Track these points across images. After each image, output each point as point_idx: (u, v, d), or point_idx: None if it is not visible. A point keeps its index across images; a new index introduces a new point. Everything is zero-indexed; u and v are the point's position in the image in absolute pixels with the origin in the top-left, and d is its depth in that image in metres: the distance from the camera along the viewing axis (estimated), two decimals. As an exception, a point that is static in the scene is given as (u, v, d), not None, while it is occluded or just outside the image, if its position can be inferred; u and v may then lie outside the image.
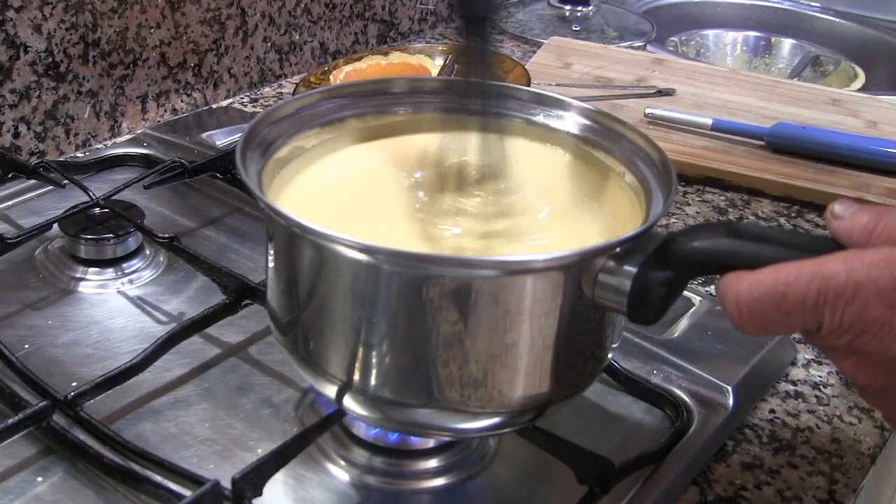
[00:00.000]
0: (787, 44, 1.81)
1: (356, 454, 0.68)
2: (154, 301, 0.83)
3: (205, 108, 1.21)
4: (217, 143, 1.09)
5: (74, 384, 0.70)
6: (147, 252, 0.88)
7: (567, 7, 1.65)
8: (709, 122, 1.17)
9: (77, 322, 0.80)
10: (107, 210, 0.88)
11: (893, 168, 1.12)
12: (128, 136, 1.11)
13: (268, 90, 1.28)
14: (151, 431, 0.69)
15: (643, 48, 1.54)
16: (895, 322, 0.49)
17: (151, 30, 1.10)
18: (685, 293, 0.83)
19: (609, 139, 0.69)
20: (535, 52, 1.42)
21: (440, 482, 0.67)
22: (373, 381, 0.58)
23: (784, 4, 1.91)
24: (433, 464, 0.68)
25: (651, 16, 1.70)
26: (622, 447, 0.70)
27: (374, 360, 0.57)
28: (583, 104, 0.70)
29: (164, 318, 0.81)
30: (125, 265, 0.87)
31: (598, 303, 0.55)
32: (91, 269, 0.86)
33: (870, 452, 0.73)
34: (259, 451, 0.67)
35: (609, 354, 0.63)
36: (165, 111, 1.16)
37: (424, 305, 0.54)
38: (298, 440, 0.64)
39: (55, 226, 0.87)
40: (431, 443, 0.68)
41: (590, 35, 1.60)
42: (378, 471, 0.67)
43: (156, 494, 0.62)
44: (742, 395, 0.76)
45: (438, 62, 1.23)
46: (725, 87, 1.32)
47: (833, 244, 0.52)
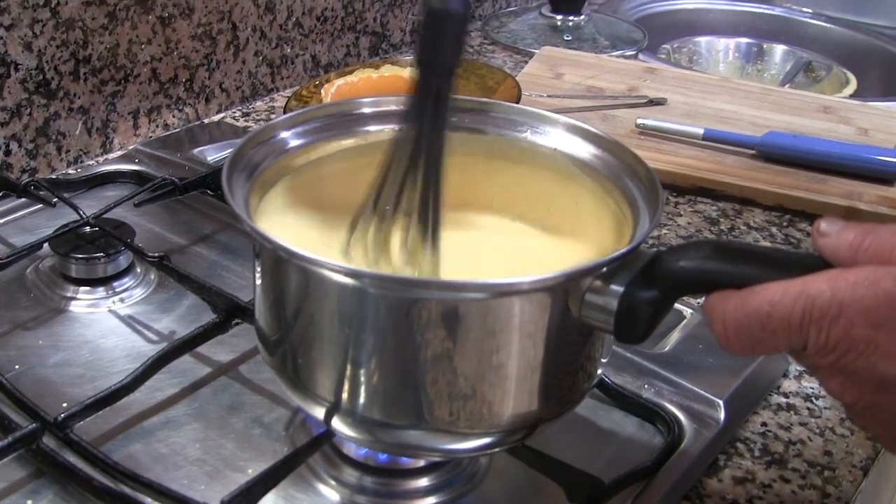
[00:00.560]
0: (780, 50, 1.82)
1: (347, 474, 0.68)
2: (145, 320, 0.83)
3: (197, 123, 1.21)
4: (209, 159, 1.09)
5: (65, 405, 0.70)
6: (138, 270, 0.88)
7: (559, 17, 1.65)
8: (700, 132, 1.17)
9: (68, 342, 0.80)
10: (97, 229, 0.88)
11: (885, 176, 1.12)
12: (120, 152, 1.11)
13: (260, 104, 1.28)
14: (142, 452, 0.69)
15: (635, 57, 1.55)
16: (880, 341, 0.49)
17: (142, 46, 1.10)
18: (676, 306, 0.83)
19: (595, 155, 0.68)
20: (527, 63, 1.42)
21: (431, 501, 0.67)
22: (361, 403, 0.58)
23: (776, 11, 1.91)
24: (424, 483, 0.68)
25: (643, 24, 1.70)
26: (614, 463, 0.70)
27: (363, 382, 0.57)
28: (569, 120, 0.70)
29: (155, 337, 0.81)
30: (116, 284, 0.86)
31: (586, 322, 0.56)
32: (82, 289, 0.86)
33: (862, 465, 0.73)
34: (250, 472, 0.67)
35: (599, 371, 0.63)
36: (157, 126, 1.16)
37: (412, 328, 0.54)
38: (288, 461, 0.64)
39: (46, 245, 0.87)
40: (422, 462, 0.68)
41: (582, 44, 1.60)
42: (368, 490, 0.67)
43: (146, 517, 0.62)
44: (734, 409, 0.76)
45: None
46: (717, 96, 1.32)
47: (820, 262, 0.53)
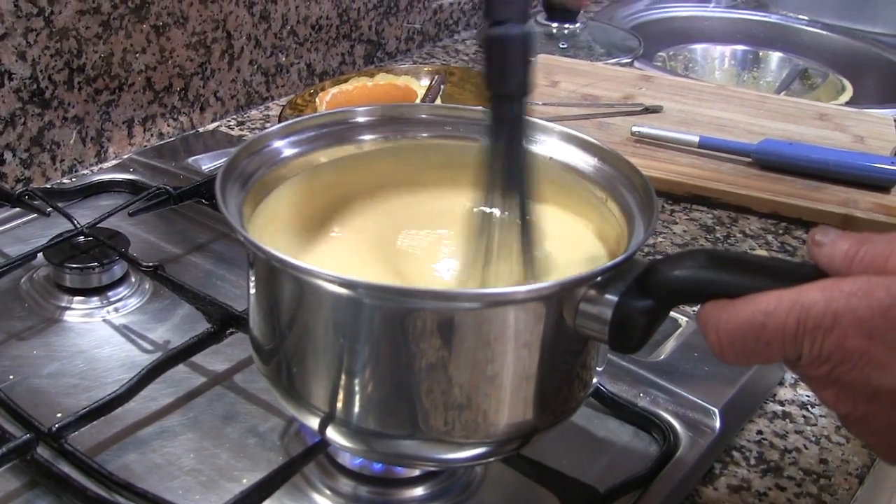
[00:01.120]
0: (776, 57, 1.82)
1: (341, 483, 0.68)
2: (140, 329, 0.83)
3: (191, 132, 1.21)
4: (203, 168, 1.09)
5: (59, 415, 0.70)
6: (132, 280, 0.88)
7: (554, 24, 1.64)
8: (696, 140, 1.17)
9: (62, 352, 0.80)
10: (91, 238, 0.88)
11: (881, 183, 1.12)
12: (114, 162, 1.11)
13: (254, 113, 1.28)
14: (137, 462, 0.69)
15: (630, 65, 1.55)
16: (873, 352, 0.48)
17: (137, 55, 1.10)
18: (672, 314, 0.83)
19: (591, 164, 0.68)
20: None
21: (426, 510, 0.67)
22: (356, 413, 0.58)
23: (772, 18, 1.91)
24: (419, 492, 0.68)
25: (639, 31, 1.70)
26: (609, 471, 0.70)
27: (357, 392, 0.57)
28: (565, 129, 0.70)
29: (150, 347, 0.81)
30: (110, 293, 0.86)
31: (580, 332, 0.55)
32: (76, 298, 0.85)
33: (857, 472, 0.73)
34: (245, 482, 0.67)
35: (594, 380, 0.63)
36: (152, 136, 1.16)
37: (406, 338, 0.54)
38: (283, 470, 0.64)
39: (40, 255, 0.87)
40: (417, 471, 0.68)
41: (577, 52, 1.60)
42: (364, 500, 0.67)
43: (140, 528, 0.62)
44: (729, 417, 0.75)
45: (424, 83, 1.23)
46: (713, 104, 1.32)
47: (815, 271, 0.52)
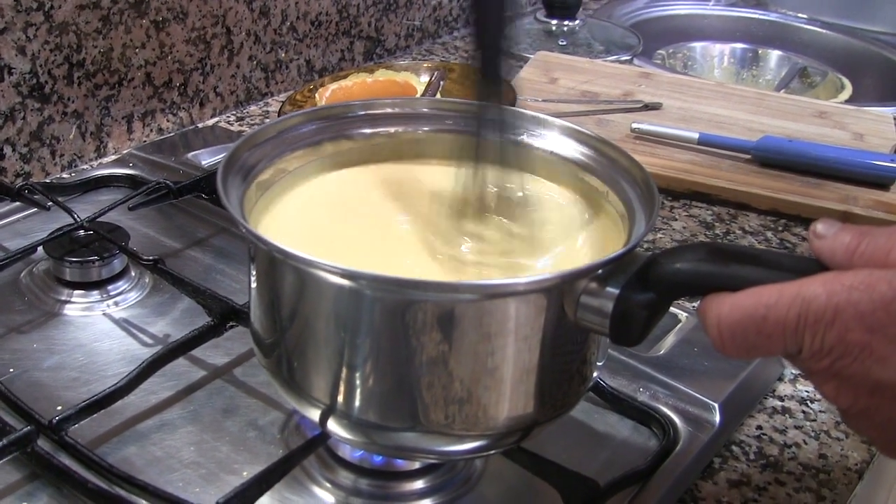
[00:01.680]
0: (775, 55, 1.82)
1: (341, 476, 0.68)
2: (140, 323, 0.83)
3: (191, 128, 1.21)
4: (203, 163, 1.09)
5: (59, 408, 0.69)
6: (132, 274, 0.88)
7: (553, 21, 1.64)
8: (695, 137, 1.17)
9: (62, 345, 0.80)
10: (91, 232, 0.88)
11: (880, 180, 1.12)
12: (114, 157, 1.11)
13: (254, 108, 1.28)
14: (137, 455, 0.69)
15: (630, 62, 1.55)
16: (875, 345, 0.48)
17: (136, 50, 1.10)
18: (671, 309, 0.83)
19: (592, 158, 0.69)
20: (522, 67, 1.42)
21: (426, 503, 0.67)
22: (357, 405, 0.58)
23: (771, 16, 1.91)
24: (419, 485, 0.68)
25: (638, 29, 1.70)
26: (609, 466, 0.70)
27: (358, 384, 0.57)
28: (565, 123, 0.70)
29: (150, 341, 0.81)
30: (110, 287, 0.86)
31: (581, 325, 0.55)
32: (76, 292, 0.85)
33: (857, 468, 0.73)
34: (245, 474, 0.67)
35: (595, 374, 0.63)
36: (151, 131, 1.16)
37: (407, 329, 0.54)
38: (283, 463, 0.64)
39: (40, 248, 0.87)
40: (417, 464, 0.68)
41: (576, 49, 1.60)
42: (364, 493, 0.67)
43: (141, 520, 0.62)
44: (729, 412, 0.76)
45: (424, 79, 1.23)
46: (712, 101, 1.32)
47: (816, 265, 0.52)
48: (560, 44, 1.62)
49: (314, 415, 0.60)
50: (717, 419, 0.74)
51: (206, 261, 0.93)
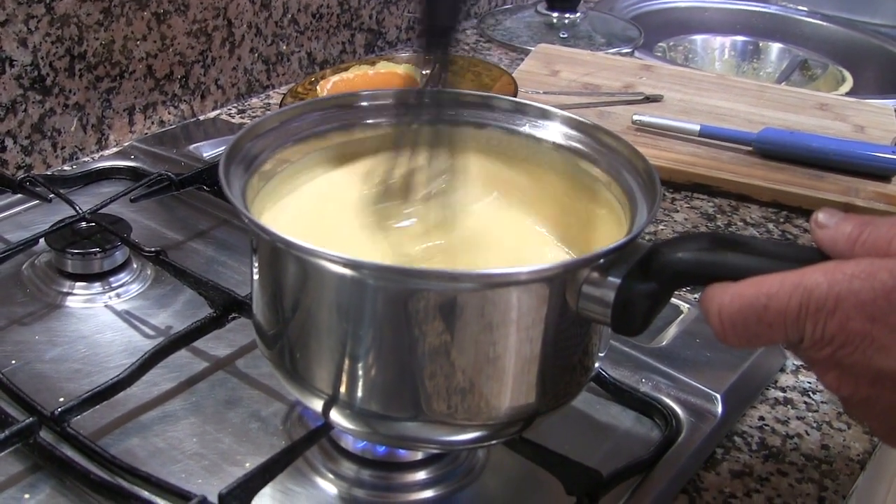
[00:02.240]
0: (775, 48, 1.81)
1: (344, 467, 0.68)
2: (141, 315, 0.83)
3: (192, 120, 1.21)
4: (204, 155, 1.09)
5: (62, 400, 0.69)
6: (134, 266, 0.88)
7: (555, 14, 1.64)
8: (696, 129, 1.17)
9: (64, 337, 0.80)
10: (93, 224, 0.87)
11: (881, 172, 1.12)
12: (115, 149, 1.11)
13: (255, 101, 1.28)
14: (139, 447, 0.69)
15: (631, 54, 1.54)
16: (876, 334, 0.49)
17: (138, 42, 1.10)
18: (673, 301, 0.83)
19: (594, 149, 0.69)
20: (523, 60, 1.42)
21: (429, 494, 0.67)
22: (359, 395, 0.58)
23: (771, 9, 1.91)
24: (422, 476, 0.68)
25: (639, 22, 1.70)
26: (611, 456, 0.70)
27: (360, 374, 0.57)
28: (567, 113, 0.70)
29: (152, 332, 0.81)
30: (112, 279, 0.86)
31: (583, 314, 0.55)
32: (78, 284, 0.85)
33: (859, 458, 0.73)
34: (247, 466, 0.66)
35: (596, 364, 0.63)
36: (153, 123, 1.16)
37: (410, 319, 0.54)
38: (286, 454, 0.64)
39: (42, 240, 0.87)
40: (420, 455, 0.68)
41: (577, 42, 1.60)
42: (366, 484, 0.67)
43: (143, 511, 0.62)
44: (731, 403, 0.76)
45: (426, 71, 1.22)
46: (713, 93, 1.32)
47: (817, 254, 0.52)
48: (561, 36, 1.62)
49: (317, 405, 0.60)
50: (720, 410, 0.74)
51: (208, 252, 0.93)
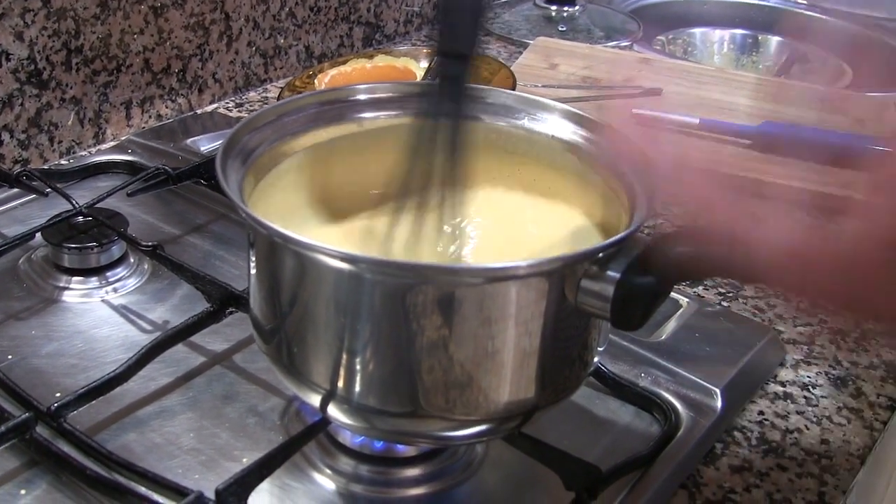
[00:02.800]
0: (775, 41, 1.81)
1: (342, 462, 0.68)
2: (138, 310, 0.83)
3: (189, 114, 1.20)
4: (202, 149, 1.09)
5: (58, 395, 0.69)
6: (131, 260, 0.88)
7: (553, 7, 1.64)
8: (696, 122, 1.16)
9: (61, 332, 0.79)
10: (90, 218, 0.87)
11: (881, 166, 1.11)
12: (112, 143, 1.11)
13: (253, 94, 1.28)
14: (136, 442, 0.69)
15: (630, 48, 1.54)
16: None
17: (135, 36, 1.10)
18: (673, 295, 0.83)
19: (593, 142, 0.68)
20: (522, 53, 1.42)
21: (427, 489, 0.67)
22: (357, 390, 0.57)
23: (770, 2, 1.91)
24: (420, 471, 0.67)
25: (637, 15, 1.70)
26: (610, 451, 0.70)
27: (358, 369, 0.57)
28: (566, 107, 0.70)
29: (149, 327, 0.81)
30: (109, 274, 0.86)
31: (582, 309, 0.55)
32: (75, 279, 0.85)
33: (859, 453, 0.73)
34: (245, 461, 0.66)
35: (595, 359, 0.63)
36: (150, 117, 1.16)
37: (408, 313, 0.54)
38: (283, 450, 0.63)
39: (38, 235, 0.86)
40: (418, 450, 0.68)
41: (576, 35, 1.59)
42: (364, 479, 0.67)
43: (140, 507, 0.62)
44: (730, 398, 0.75)
45: (423, 65, 1.22)
46: (712, 86, 1.32)
47: None
48: (560, 29, 1.62)
49: (314, 400, 0.60)
50: (719, 404, 0.74)
51: (206, 247, 0.92)
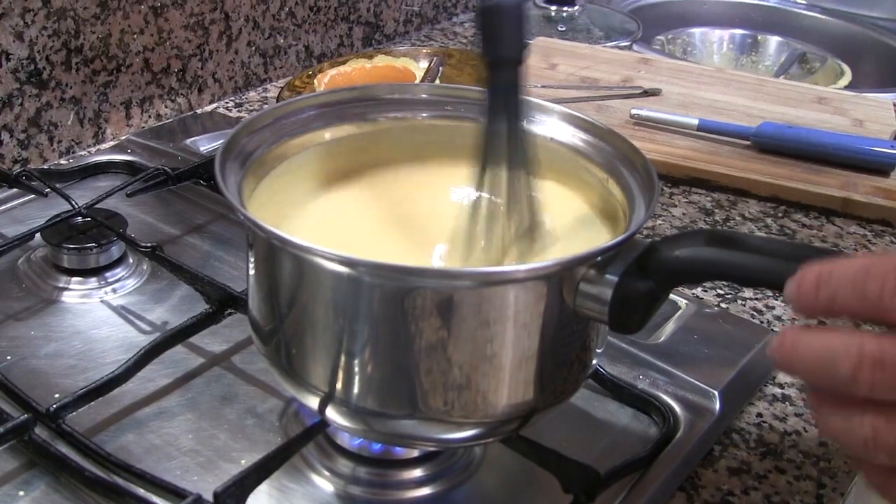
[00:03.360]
0: (774, 41, 1.81)
1: (340, 464, 0.68)
2: (137, 310, 0.83)
3: (189, 114, 1.20)
4: (201, 149, 1.09)
5: (57, 396, 0.69)
6: (130, 261, 0.88)
7: (553, 7, 1.64)
8: (695, 123, 1.17)
9: (60, 332, 0.79)
10: (89, 219, 0.87)
11: (880, 167, 1.12)
12: (112, 143, 1.11)
13: (252, 94, 1.28)
14: (134, 443, 0.69)
15: (629, 48, 1.54)
16: None
17: (134, 35, 1.10)
18: (671, 297, 0.83)
19: (591, 144, 0.68)
20: (521, 53, 1.41)
21: (425, 492, 0.67)
22: (355, 393, 0.58)
23: (770, 2, 1.91)
24: (418, 473, 0.67)
25: (637, 15, 1.70)
26: (609, 453, 0.70)
27: (357, 372, 0.57)
28: (565, 109, 0.70)
29: (148, 328, 0.81)
30: (108, 274, 0.86)
31: (580, 312, 0.55)
32: (74, 279, 0.85)
33: (857, 455, 0.73)
34: (243, 462, 0.67)
35: (594, 361, 0.63)
36: (150, 117, 1.16)
37: (406, 317, 0.54)
38: (281, 452, 0.63)
39: (38, 235, 0.86)
40: (416, 452, 0.68)
41: (576, 35, 1.59)
42: (363, 481, 0.67)
43: (138, 508, 0.62)
44: (729, 400, 0.75)
45: (423, 64, 1.22)
46: (711, 87, 1.32)
47: (815, 251, 0.52)
48: (559, 29, 1.62)
49: (313, 402, 0.60)
50: (717, 407, 0.74)
51: (205, 247, 0.92)
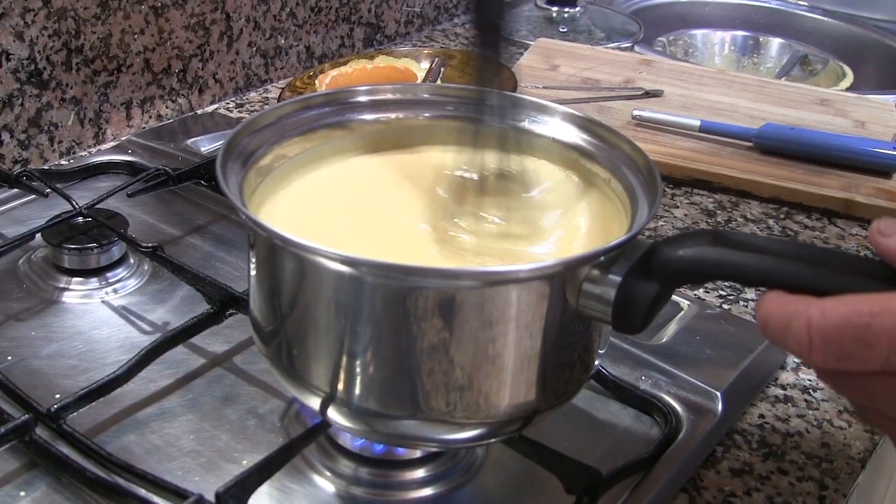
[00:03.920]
0: (776, 43, 1.81)
1: (342, 465, 0.67)
2: (138, 311, 0.82)
3: (190, 114, 1.20)
4: (202, 150, 1.09)
5: (58, 396, 0.69)
6: (131, 261, 0.88)
7: (554, 8, 1.64)
8: (697, 124, 1.16)
9: (61, 333, 0.79)
10: (90, 219, 0.87)
11: (882, 168, 1.11)
12: (112, 143, 1.11)
13: (253, 95, 1.28)
14: (136, 444, 0.68)
15: (631, 49, 1.54)
16: None
17: (135, 36, 1.10)
18: (674, 297, 0.83)
19: (593, 145, 0.68)
20: (523, 54, 1.42)
21: (427, 492, 0.67)
22: (357, 393, 0.57)
23: (772, 4, 1.91)
24: (420, 474, 0.67)
25: (639, 16, 1.70)
26: (611, 454, 0.70)
27: (358, 372, 0.57)
28: (567, 109, 0.70)
29: (149, 328, 0.80)
30: (109, 275, 0.86)
31: (583, 312, 0.55)
32: (75, 279, 0.85)
33: (860, 457, 0.73)
34: (244, 463, 0.66)
35: (596, 362, 0.63)
36: (150, 117, 1.16)
37: (408, 317, 0.54)
38: (283, 452, 0.63)
39: (38, 235, 0.86)
40: (418, 453, 0.68)
41: (577, 36, 1.59)
42: (364, 482, 0.67)
43: (140, 509, 0.62)
44: (731, 401, 0.75)
45: (424, 65, 1.22)
46: (713, 88, 1.32)
47: (817, 252, 0.52)
48: (561, 31, 1.62)
49: (314, 403, 0.60)
50: (720, 408, 0.74)
51: (206, 248, 0.92)
